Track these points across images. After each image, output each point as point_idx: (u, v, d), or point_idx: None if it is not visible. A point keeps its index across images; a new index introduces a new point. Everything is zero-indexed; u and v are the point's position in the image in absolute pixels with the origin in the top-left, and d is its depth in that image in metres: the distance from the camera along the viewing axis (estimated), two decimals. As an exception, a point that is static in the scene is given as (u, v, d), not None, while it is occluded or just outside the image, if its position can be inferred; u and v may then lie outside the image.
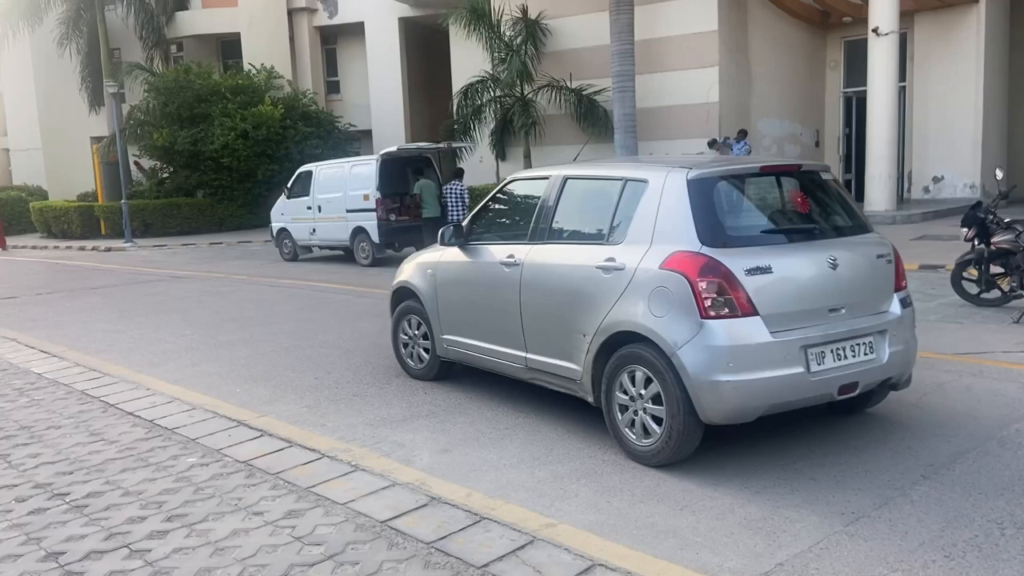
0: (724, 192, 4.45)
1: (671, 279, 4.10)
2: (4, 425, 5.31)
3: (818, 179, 4.80)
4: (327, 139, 23.99)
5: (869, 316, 4.39)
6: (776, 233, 4.50)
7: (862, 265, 4.46)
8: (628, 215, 4.51)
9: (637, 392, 4.31)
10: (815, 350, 4.12)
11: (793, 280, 4.20)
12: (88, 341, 8.38)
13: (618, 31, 15.72)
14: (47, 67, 28.13)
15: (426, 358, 6.19)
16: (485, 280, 5.47)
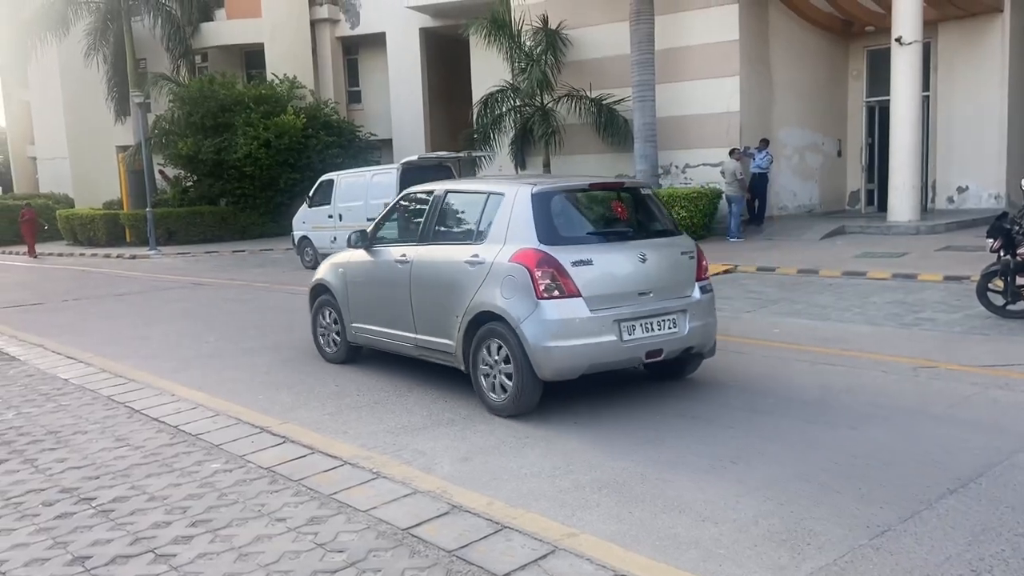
0: (559, 203, 5.69)
1: (517, 269, 5.31)
2: (31, 430, 5.38)
3: (638, 194, 6.20)
4: (348, 148, 24.16)
5: (673, 299, 5.62)
6: (598, 235, 5.82)
7: (667, 260, 5.73)
8: (489, 221, 5.73)
9: (494, 359, 5.49)
10: (626, 324, 5.35)
11: (609, 270, 5.45)
12: (113, 347, 8.48)
13: (638, 41, 15.75)
14: (74, 77, 28.58)
15: (338, 343, 7.28)
16: (383, 276, 6.61)
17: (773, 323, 8.40)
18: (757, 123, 17.05)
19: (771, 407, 5.40)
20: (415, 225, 6.56)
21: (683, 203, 15.17)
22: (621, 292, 5.43)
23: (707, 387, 5.97)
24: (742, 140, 16.43)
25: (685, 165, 17.37)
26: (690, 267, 5.86)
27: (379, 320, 6.70)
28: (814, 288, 10.50)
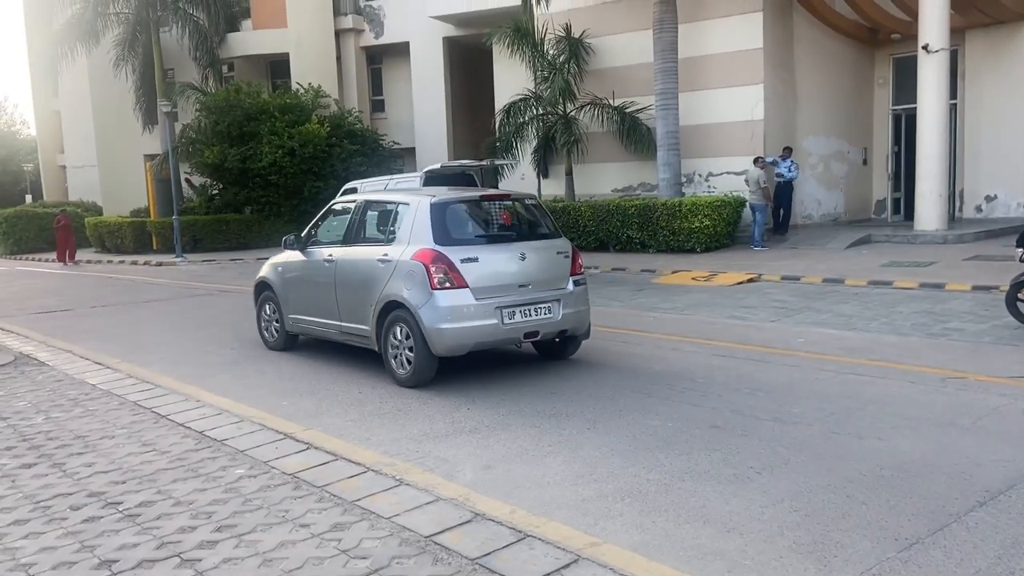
0: (453, 212, 6.89)
1: (416, 266, 6.48)
2: (60, 434, 5.45)
3: (524, 204, 7.45)
4: (371, 156, 24.31)
5: (549, 291, 6.80)
6: (484, 237, 6.95)
7: (544, 258, 6.91)
8: (398, 226, 6.95)
9: (399, 340, 6.66)
10: (507, 310, 6.52)
11: (493, 266, 6.58)
12: (140, 353, 8.58)
13: (661, 49, 15.74)
14: (103, 87, 29.03)
15: (278, 332, 8.45)
16: (314, 273, 7.78)
17: (797, 332, 8.33)
18: (781, 131, 16.95)
19: (796, 417, 5.35)
20: (340, 230, 7.75)
21: (706, 211, 15.11)
22: (503, 284, 6.61)
23: (731, 396, 5.93)
24: (766, 148, 16.34)
25: (708, 173, 17.30)
26: (565, 265, 7.07)
27: (311, 311, 7.89)
28: (839, 297, 10.40)
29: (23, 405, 6.29)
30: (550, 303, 6.79)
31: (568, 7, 18.33)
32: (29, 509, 4.13)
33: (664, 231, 15.56)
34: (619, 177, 18.69)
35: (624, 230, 16.09)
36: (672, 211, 15.39)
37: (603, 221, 16.39)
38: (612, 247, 16.50)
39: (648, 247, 15.90)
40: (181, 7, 26.26)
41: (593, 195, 18.37)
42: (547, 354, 7.57)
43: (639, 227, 15.87)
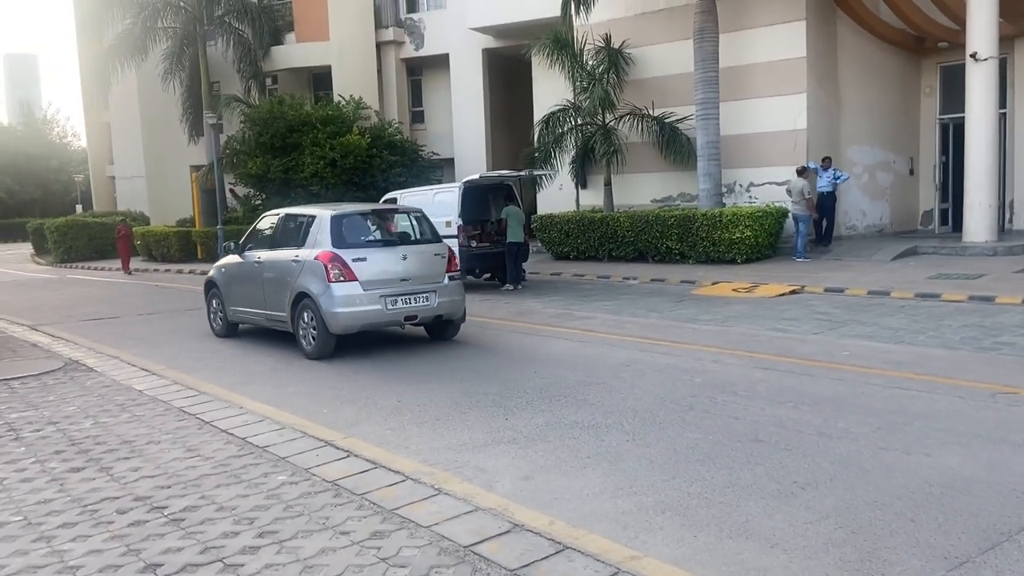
0: (349, 222, 8.81)
1: (318, 264, 8.32)
2: (107, 439, 5.57)
3: (410, 216, 9.44)
4: (411, 167, 24.50)
5: (427, 284, 8.64)
6: (373, 242, 8.86)
7: (424, 259, 8.77)
8: (307, 233, 8.76)
9: (306, 322, 8.51)
10: (390, 298, 8.39)
11: (379, 265, 8.45)
12: (184, 360, 8.74)
13: (702, 59, 15.65)
14: (151, 100, 29.74)
15: (222, 322, 10.34)
16: (247, 272, 9.66)
17: (842, 345, 8.18)
18: (825, 141, 16.72)
19: (842, 432, 5.24)
20: (267, 237, 9.66)
21: (747, 222, 14.94)
22: (387, 279, 8.45)
23: (774, 410, 5.84)
24: (809, 158, 16.13)
25: (750, 183, 17.11)
26: (442, 264, 8.92)
27: (246, 303, 9.77)
28: (885, 310, 10.19)
29: (72, 410, 6.44)
30: (427, 293, 8.69)
31: (608, 17, 18.32)
32: (77, 512, 4.22)
33: (704, 242, 15.42)
34: (658, 187, 18.58)
35: (663, 241, 15.99)
36: (712, 222, 15.25)
37: (642, 232, 16.30)
38: (651, 258, 16.40)
39: (687, 258, 15.77)
40: (227, 21, 26.83)
41: (632, 205, 18.30)
42: (434, 336, 9.42)
43: (678, 238, 15.76)
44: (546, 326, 10.16)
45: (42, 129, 66.28)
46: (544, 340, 9.20)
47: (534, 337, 9.44)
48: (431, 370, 7.75)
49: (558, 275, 15.86)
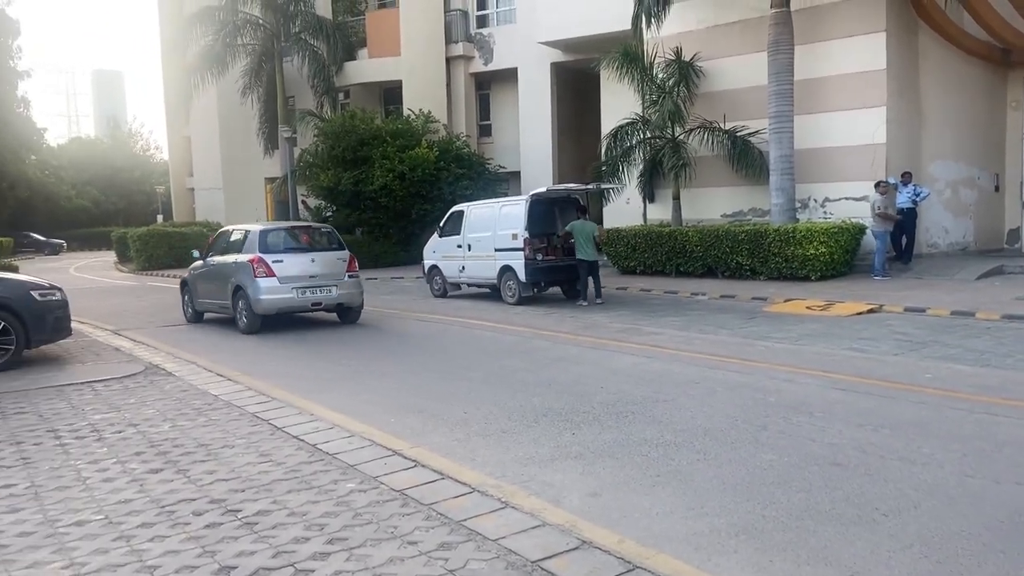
0: (273, 235, 12.12)
1: (247, 264, 11.49)
2: (184, 442, 5.72)
3: (320, 231, 12.85)
4: (477, 180, 24.72)
5: (330, 280, 11.73)
6: (290, 248, 11.90)
7: (328, 261, 11.91)
8: (244, 242, 12.03)
9: (241, 307, 11.66)
10: (300, 289, 11.59)
11: (293, 265, 11.58)
12: (257, 366, 8.95)
13: (776, 71, 15.36)
14: (229, 114, 30.80)
15: (192, 311, 13.59)
16: (207, 272, 12.98)
17: (924, 367, 7.84)
18: (905, 156, 16.18)
19: (925, 457, 5.01)
20: (220, 247, 13.05)
21: (822, 238, 14.54)
22: (298, 275, 11.67)
23: (852, 433, 5.62)
24: (888, 173, 15.62)
25: (824, 199, 16.67)
26: (343, 266, 12.14)
27: (206, 296, 13.08)
28: (970, 331, 9.75)
29: (152, 413, 6.64)
30: (330, 287, 11.90)
31: (679, 30, 18.16)
32: (155, 513, 4.33)
33: (776, 258, 15.07)
34: (729, 202, 18.27)
35: (733, 256, 15.69)
36: (785, 237, 14.89)
37: (711, 247, 16.03)
38: (720, 273, 16.11)
39: (758, 274, 15.43)
40: (303, 38, 27.62)
41: (701, 220, 18.03)
42: (342, 319, 12.64)
43: (749, 253, 15.44)
44: (612, 341, 10.06)
45: (127, 142, 69.30)
46: (610, 355, 9.10)
47: (600, 351, 9.35)
48: (495, 383, 7.74)
49: (624, 289, 15.71)
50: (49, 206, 54.08)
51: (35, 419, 6.51)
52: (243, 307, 11.70)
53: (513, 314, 13.05)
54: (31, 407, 6.95)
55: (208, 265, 13.01)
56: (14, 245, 46.26)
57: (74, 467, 5.17)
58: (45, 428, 6.20)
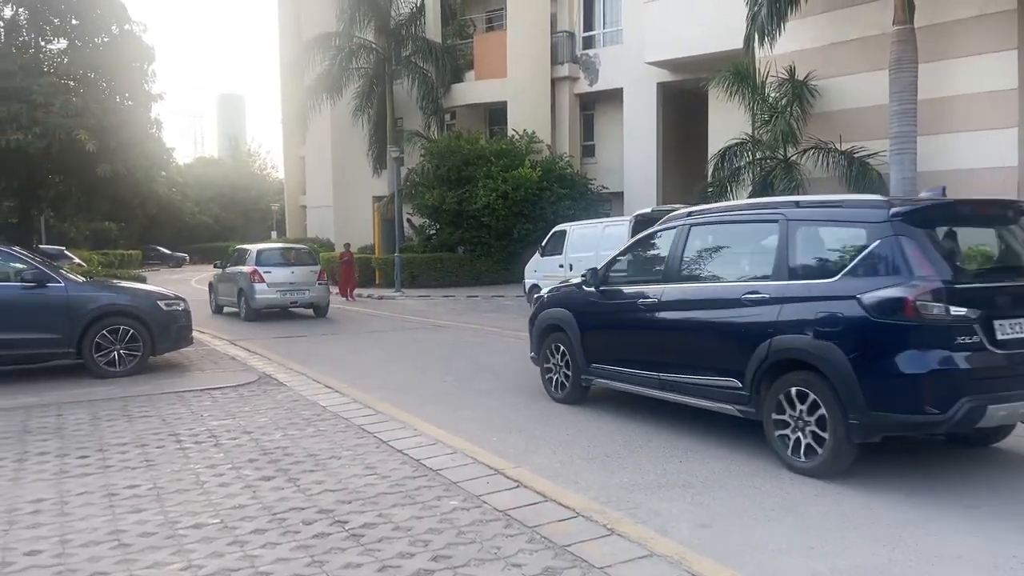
0: (268, 252, 17.58)
1: (247, 274, 16.58)
2: (295, 451, 5.87)
3: (302, 251, 18.67)
4: (579, 200, 24.69)
5: (305, 286, 16.83)
6: (278, 263, 16.91)
7: (305, 273, 16.96)
8: (246, 257, 17.26)
9: (242, 304, 16.85)
10: (283, 292, 16.60)
11: (279, 275, 16.61)
12: (363, 379, 9.13)
13: (898, 90, 14.66)
14: (341, 135, 31.95)
15: (214, 306, 18.71)
16: (224, 278, 18.14)
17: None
18: (1039, 179, 15.11)
19: (1072, 506, 4.60)
20: (235, 259, 17.72)
21: (945, 265, 13.71)
22: (282, 282, 16.45)
23: (980, 469, 5.21)
24: (1020, 197, 14.62)
25: (948, 223, 15.72)
26: (315, 275, 16.89)
27: (223, 294, 18.05)
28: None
29: (264, 421, 6.86)
30: (304, 290, 16.73)
31: (793, 48, 17.63)
32: (267, 520, 4.44)
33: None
34: (843, 226, 17.49)
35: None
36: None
37: (824, 271, 15.37)
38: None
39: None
40: (413, 61, 28.41)
41: (813, 244, 17.34)
42: (316, 314, 17.47)
43: (865, 279, 14.70)
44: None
45: (246, 162, 73.00)
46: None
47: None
48: (594, 406, 7.61)
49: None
50: (174, 222, 57.42)
51: (158, 423, 6.84)
52: (243, 303, 16.63)
53: (615, 336, 12.86)
54: (155, 411, 7.31)
55: (225, 273, 18.05)
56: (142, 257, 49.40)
57: (193, 471, 5.38)
58: (167, 432, 6.49)
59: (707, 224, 6.55)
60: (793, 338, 5.32)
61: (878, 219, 5.18)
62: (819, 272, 5.42)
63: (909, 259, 4.94)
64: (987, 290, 5.07)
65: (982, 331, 4.79)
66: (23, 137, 18.95)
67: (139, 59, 23.05)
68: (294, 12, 38.59)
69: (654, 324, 6.53)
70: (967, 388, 4.71)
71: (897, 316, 4.85)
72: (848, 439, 5.01)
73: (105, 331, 9.21)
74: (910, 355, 4.79)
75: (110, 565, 3.85)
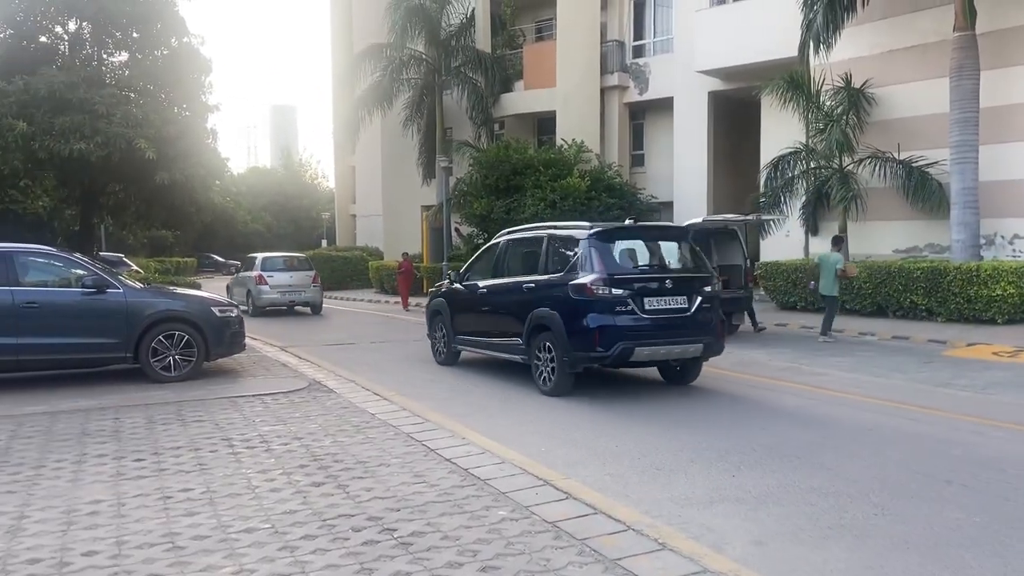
0: (270, 259, 21.34)
1: (253, 278, 20.51)
2: (344, 458, 5.90)
3: (299, 258, 22.62)
4: (629, 210, 24.47)
5: (302, 288, 20.68)
6: (279, 268, 20.87)
7: (301, 276, 20.96)
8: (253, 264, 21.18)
9: (248, 304, 20.35)
10: (283, 292, 20.52)
11: (279, 278, 20.53)
12: (410, 387, 9.17)
13: (959, 98, 14.28)
14: (391, 145, 32.28)
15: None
16: (237, 281, 22.48)
17: None
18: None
19: None
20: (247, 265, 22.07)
21: (1011, 278, 13.26)
22: (282, 284, 20.35)
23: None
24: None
25: (1013, 236, 15.23)
26: (310, 279, 20.77)
27: (236, 296, 21.09)
28: None
29: (315, 427, 6.92)
30: (301, 291, 20.41)
31: (849, 56, 17.29)
32: (317, 526, 4.45)
33: (957, 298, 13.88)
34: (902, 237, 17.08)
35: (907, 295, 14.60)
36: (968, 276, 13.69)
37: (882, 284, 15.01)
38: (891, 313, 15.03)
39: (935, 315, 14.26)
40: (463, 72, 28.59)
41: (870, 255, 16.94)
42: (312, 312, 20.71)
43: (925, 292, 14.31)
44: (772, 379, 9.56)
45: (297, 172, 74.30)
46: (770, 394, 8.64)
47: (760, 390, 8.89)
48: (648, 417, 7.51)
49: (784, 326, 14.97)
50: (228, 230, 58.72)
51: (211, 427, 6.94)
52: (251, 302, 20.02)
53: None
54: (208, 416, 7.43)
55: (238, 277, 22.15)
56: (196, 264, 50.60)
57: (245, 475, 5.44)
58: (220, 436, 6.59)
59: (513, 239, 10.10)
60: (541, 310, 8.58)
61: (584, 237, 8.41)
62: (556, 269, 8.68)
63: (593, 261, 8.20)
64: (640, 279, 8.31)
65: (635, 304, 8.08)
66: (85, 147, 19.60)
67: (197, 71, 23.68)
68: (346, 24, 39.22)
69: (484, 307, 10.03)
70: (622, 337, 8.01)
71: (583, 294, 8.10)
72: (563, 371, 8.30)
73: (161, 336, 9.42)
74: (590, 317, 8.03)
75: (164, 567, 3.90)
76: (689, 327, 8.32)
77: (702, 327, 8.39)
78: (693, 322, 8.32)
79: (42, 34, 22.99)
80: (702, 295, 8.42)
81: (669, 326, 8.23)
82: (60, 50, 23.20)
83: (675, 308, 8.26)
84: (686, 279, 8.56)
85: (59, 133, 19.59)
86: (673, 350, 8.31)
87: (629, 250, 8.59)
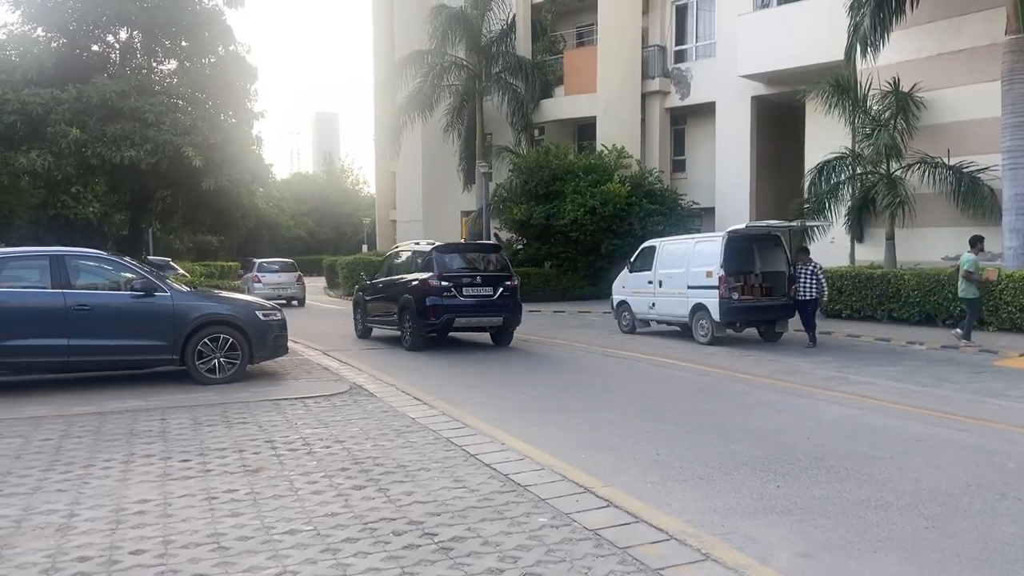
0: (265, 263, 28.23)
1: (251, 278, 27.11)
2: (385, 461, 5.93)
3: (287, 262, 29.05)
4: (669, 216, 24.32)
5: (289, 285, 27.16)
6: (271, 270, 27.61)
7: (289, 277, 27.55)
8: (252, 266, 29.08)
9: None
10: (274, 288, 25.98)
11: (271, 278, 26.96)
12: (449, 392, 9.19)
13: (1011, 102, 13.93)
14: (432, 150, 32.51)
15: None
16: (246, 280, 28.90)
17: None
18: None
19: None
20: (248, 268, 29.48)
21: (1065, 286, 12.85)
22: (274, 283, 26.53)
23: None
24: None
25: (1068, 242, 14.75)
26: (295, 279, 27.25)
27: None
28: None
29: (356, 431, 6.97)
30: (287, 288, 26.62)
31: (897, 60, 16.97)
32: (358, 529, 4.48)
33: (1009, 307, 13.49)
34: (951, 244, 16.66)
35: (956, 303, 14.22)
36: (1021, 284, 13.30)
37: (930, 292, 14.66)
38: (940, 321, 14.67)
39: (987, 324, 13.88)
40: (503, 78, 28.71)
41: (918, 262, 16.57)
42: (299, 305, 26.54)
43: (975, 300, 13.91)
44: (816, 388, 9.38)
45: (339, 178, 75.26)
46: (815, 403, 8.48)
47: (804, 399, 8.73)
48: (689, 425, 7.42)
49: (828, 334, 14.70)
50: (271, 235, 59.62)
51: (255, 429, 7.04)
52: None
53: (706, 354, 12.57)
54: (252, 418, 7.54)
55: (244, 277, 27.58)
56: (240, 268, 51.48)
57: (287, 477, 5.50)
58: (264, 439, 6.67)
59: (400, 252, 15.21)
60: (406, 297, 13.39)
61: (429, 250, 13.52)
62: (415, 271, 13.67)
63: (434, 265, 13.07)
64: (459, 277, 13.08)
65: (457, 292, 12.87)
66: (135, 154, 20.05)
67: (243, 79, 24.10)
68: (388, 32, 39.60)
69: (380, 296, 14.73)
70: (447, 312, 12.82)
71: (430, 284, 12.81)
72: (416, 334, 13.20)
73: (207, 339, 9.58)
74: (429, 299, 12.75)
75: (209, 567, 3.96)
76: (493, 307, 13.23)
77: (502, 307, 13.25)
78: (496, 304, 13.19)
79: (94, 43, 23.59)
80: (503, 287, 13.26)
81: (479, 306, 13.11)
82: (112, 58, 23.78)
83: (483, 295, 13.16)
84: (492, 277, 13.48)
85: (111, 140, 20.07)
86: (482, 321, 13.44)
87: (457, 258, 13.64)
